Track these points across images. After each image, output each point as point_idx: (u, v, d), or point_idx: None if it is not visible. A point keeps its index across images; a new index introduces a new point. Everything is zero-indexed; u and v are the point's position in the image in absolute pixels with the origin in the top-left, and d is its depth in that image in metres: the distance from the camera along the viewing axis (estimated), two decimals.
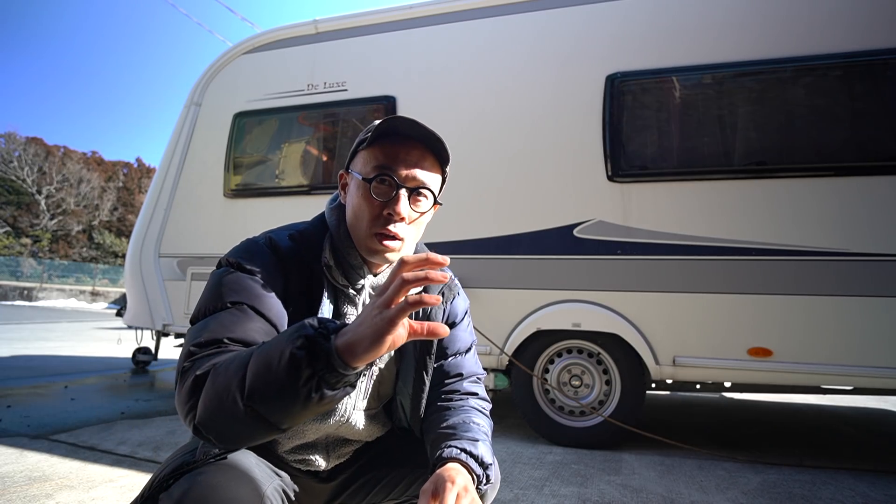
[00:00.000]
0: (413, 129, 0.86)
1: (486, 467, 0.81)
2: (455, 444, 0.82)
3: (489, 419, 0.98)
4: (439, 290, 1.01)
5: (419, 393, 0.96)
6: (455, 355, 1.02)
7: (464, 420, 0.91)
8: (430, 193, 0.89)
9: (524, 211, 2.97)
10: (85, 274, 27.85)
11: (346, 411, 0.92)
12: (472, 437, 0.85)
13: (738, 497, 2.12)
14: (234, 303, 0.77)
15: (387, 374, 0.98)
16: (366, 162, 0.88)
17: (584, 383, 2.94)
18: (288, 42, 3.65)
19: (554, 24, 3.07)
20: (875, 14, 2.54)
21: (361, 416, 0.95)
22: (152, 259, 3.75)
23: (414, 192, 0.87)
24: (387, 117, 0.86)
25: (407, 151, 0.87)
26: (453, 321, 1.03)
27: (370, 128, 0.88)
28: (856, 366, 2.43)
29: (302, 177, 3.58)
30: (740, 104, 2.74)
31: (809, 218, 2.53)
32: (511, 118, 3.09)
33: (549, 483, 2.22)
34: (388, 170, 0.85)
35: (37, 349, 6.43)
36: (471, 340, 1.06)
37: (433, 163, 0.90)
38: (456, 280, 1.07)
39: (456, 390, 0.99)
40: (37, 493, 1.88)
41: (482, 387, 1.04)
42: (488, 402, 1.03)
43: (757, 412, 4.21)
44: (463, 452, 0.80)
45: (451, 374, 1.00)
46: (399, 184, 0.85)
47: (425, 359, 0.96)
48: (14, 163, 33.11)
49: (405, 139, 0.87)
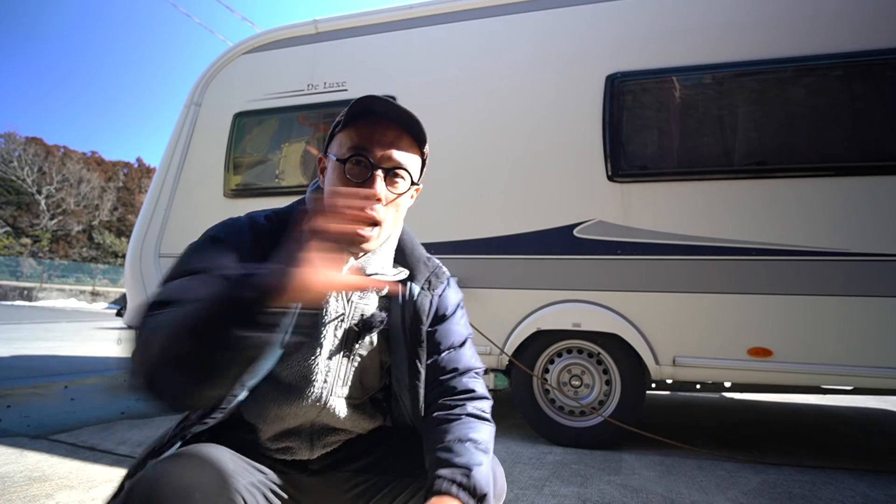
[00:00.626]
0: (388, 108, 0.85)
1: (482, 498, 0.78)
2: (446, 476, 0.79)
3: (490, 424, 0.95)
4: (425, 278, 0.98)
5: (416, 385, 0.94)
6: (449, 350, 0.98)
7: (459, 438, 0.87)
8: (408, 174, 0.88)
9: (524, 211, 2.97)
10: (85, 274, 27.85)
11: (322, 395, 0.90)
12: (467, 463, 0.82)
13: (738, 497, 2.12)
14: (199, 270, 0.76)
15: (370, 365, 0.96)
16: (341, 144, 0.87)
17: (584, 383, 2.94)
18: (288, 42, 3.65)
19: (554, 24, 3.07)
20: (875, 14, 2.54)
21: (342, 404, 0.93)
22: (152, 259, 3.75)
23: (390, 172, 0.86)
24: (361, 97, 0.84)
25: (382, 132, 0.85)
26: (444, 314, 0.99)
27: (346, 110, 0.87)
28: (856, 366, 2.43)
29: (302, 177, 3.58)
30: (740, 104, 2.74)
31: (809, 218, 2.53)
32: (511, 118, 3.08)
33: (549, 483, 2.22)
34: (364, 150, 0.84)
35: (37, 349, 6.42)
36: (466, 334, 1.03)
37: (410, 143, 0.88)
38: (445, 270, 1.04)
39: (453, 387, 0.96)
40: (37, 493, 1.88)
41: (481, 382, 1.01)
42: (488, 398, 0.99)
43: (757, 412, 4.21)
44: (454, 485, 0.78)
45: (447, 369, 0.97)
46: (374, 164, 0.84)
47: (417, 349, 0.94)
48: (14, 163, 33.12)
49: (380, 119, 0.86)
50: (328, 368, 0.91)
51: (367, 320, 0.93)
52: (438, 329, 0.98)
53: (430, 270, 1.01)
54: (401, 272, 0.97)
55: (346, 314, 0.92)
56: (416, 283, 0.97)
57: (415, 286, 0.97)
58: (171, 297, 0.71)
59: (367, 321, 0.92)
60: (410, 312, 0.95)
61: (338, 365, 0.92)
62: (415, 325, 0.95)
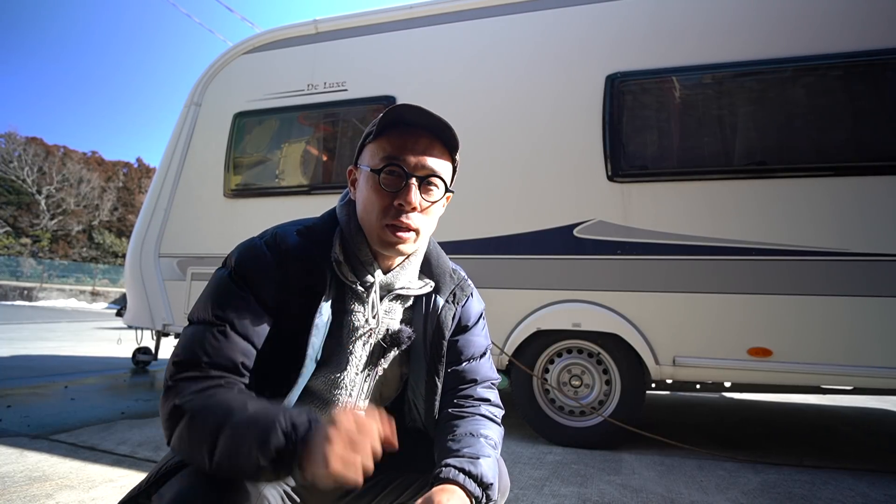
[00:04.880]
0: (420, 116, 0.85)
1: (487, 487, 0.79)
2: (454, 464, 0.81)
3: (500, 427, 0.96)
4: (450, 291, 0.99)
5: (432, 396, 0.95)
6: (469, 360, 0.99)
7: (471, 432, 0.88)
8: (441, 182, 0.88)
9: (524, 211, 2.97)
10: (85, 274, 27.86)
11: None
12: (474, 453, 0.83)
13: (738, 497, 2.12)
14: (218, 319, 0.80)
15: (390, 376, 0.97)
16: (373, 154, 0.87)
17: (584, 383, 2.94)
18: (288, 42, 3.65)
19: (554, 24, 3.07)
20: (875, 14, 2.54)
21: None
22: (152, 259, 3.75)
23: (424, 180, 0.86)
24: (392, 106, 0.84)
25: (415, 140, 0.86)
26: (466, 325, 1.00)
27: (376, 119, 0.87)
28: (856, 366, 2.43)
29: (302, 177, 3.59)
30: (740, 104, 2.74)
31: (809, 218, 2.53)
32: (511, 118, 3.08)
33: (549, 483, 2.22)
34: (397, 160, 0.84)
35: (37, 349, 6.42)
36: (486, 345, 1.04)
37: (442, 150, 0.89)
38: (469, 281, 1.04)
39: (469, 396, 0.97)
40: (37, 493, 1.88)
41: (496, 392, 1.02)
42: (501, 408, 1.00)
43: (757, 412, 4.21)
44: (461, 473, 0.79)
45: (466, 379, 0.98)
46: (408, 173, 0.84)
47: (436, 364, 0.95)
48: (14, 163, 33.08)
49: (412, 128, 0.86)
50: (354, 384, 0.92)
51: (396, 336, 0.92)
52: (460, 339, 0.99)
53: (456, 283, 1.01)
54: (427, 284, 0.97)
55: (375, 329, 0.92)
56: (440, 295, 0.97)
57: (439, 298, 0.97)
58: (197, 358, 0.77)
59: (395, 337, 0.92)
60: (433, 325, 0.95)
61: (363, 379, 0.93)
62: (436, 339, 0.95)
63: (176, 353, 0.79)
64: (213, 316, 0.80)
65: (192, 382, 0.76)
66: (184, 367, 0.77)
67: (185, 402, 0.73)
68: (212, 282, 0.85)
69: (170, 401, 0.75)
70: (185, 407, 0.73)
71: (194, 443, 0.71)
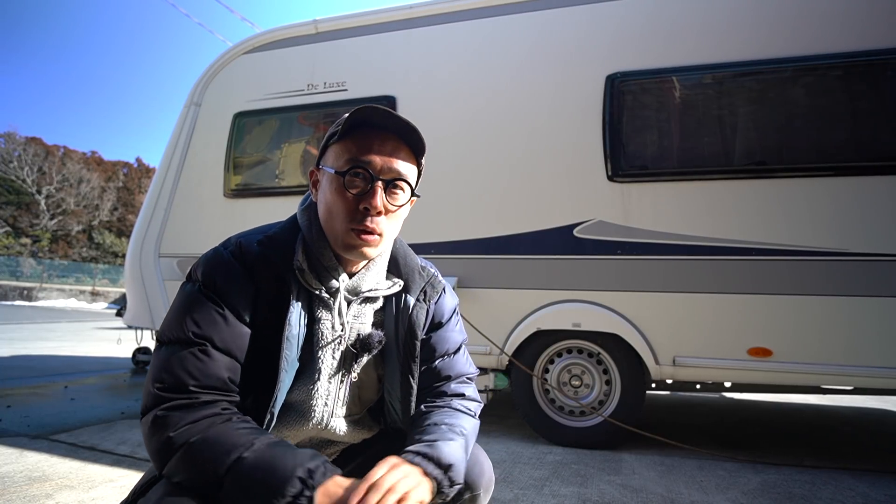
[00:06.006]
0: (386, 119, 0.83)
1: (447, 469, 0.77)
2: (411, 449, 0.79)
3: (473, 418, 0.94)
4: (420, 288, 0.96)
5: (408, 396, 0.93)
6: (443, 357, 0.97)
7: (435, 422, 0.87)
8: (407, 185, 0.86)
9: (524, 211, 2.97)
10: (85, 274, 27.85)
11: (323, 419, 0.90)
12: (433, 438, 0.81)
13: (738, 497, 2.12)
14: (197, 338, 0.77)
15: (368, 380, 0.95)
16: (338, 155, 0.85)
17: (584, 383, 2.94)
18: (288, 42, 3.65)
19: (554, 24, 3.07)
20: (875, 14, 2.54)
21: (342, 423, 0.93)
22: (152, 259, 3.74)
23: (390, 184, 0.84)
24: (358, 107, 0.82)
25: (381, 142, 0.84)
26: (439, 321, 0.98)
27: (340, 120, 0.85)
28: (856, 366, 2.43)
29: (302, 177, 3.58)
30: (740, 104, 2.74)
31: (809, 218, 2.53)
32: (511, 118, 3.08)
33: (549, 483, 2.22)
34: (362, 162, 0.82)
35: (37, 349, 6.43)
36: (460, 340, 1.01)
37: (408, 154, 0.87)
38: (440, 277, 1.02)
39: (443, 392, 0.96)
40: (37, 493, 1.88)
41: (472, 387, 1.00)
42: (477, 401, 0.99)
43: (757, 412, 4.21)
44: (417, 455, 0.77)
45: (440, 376, 0.96)
46: (374, 176, 0.82)
47: (410, 363, 0.92)
48: (14, 163, 33.07)
49: (378, 130, 0.84)
50: (328, 392, 0.90)
51: (365, 341, 0.90)
52: (433, 336, 0.97)
53: (426, 280, 0.98)
54: (395, 284, 0.95)
55: (344, 335, 0.89)
56: (410, 294, 0.95)
57: (409, 297, 0.95)
58: (183, 382, 0.75)
59: (364, 342, 0.90)
60: (405, 325, 0.93)
61: (337, 387, 0.91)
62: (409, 339, 0.93)
63: (157, 377, 0.75)
64: (190, 334, 0.77)
65: (184, 412, 0.72)
66: (170, 392, 0.73)
67: (179, 434, 0.71)
68: (180, 297, 0.81)
69: (161, 433, 0.71)
70: (180, 441, 0.70)
71: (193, 478, 0.70)
